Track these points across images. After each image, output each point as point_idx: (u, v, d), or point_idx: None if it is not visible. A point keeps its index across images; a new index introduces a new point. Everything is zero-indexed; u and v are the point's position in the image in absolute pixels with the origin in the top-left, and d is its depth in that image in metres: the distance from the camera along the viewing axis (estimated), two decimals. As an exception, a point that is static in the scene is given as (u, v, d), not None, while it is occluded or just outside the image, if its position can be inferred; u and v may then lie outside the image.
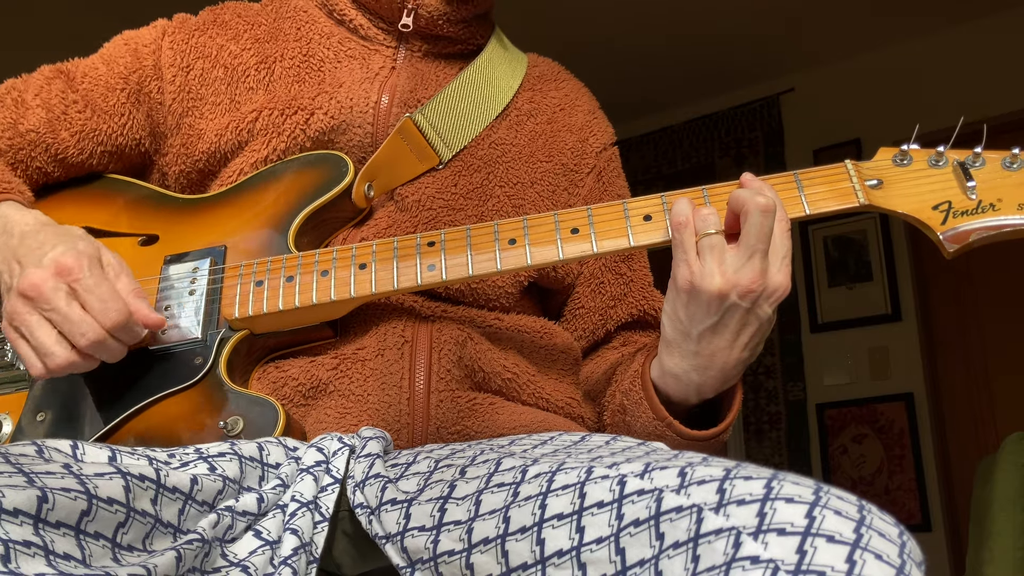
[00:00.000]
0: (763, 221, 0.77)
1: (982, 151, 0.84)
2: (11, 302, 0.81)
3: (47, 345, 0.79)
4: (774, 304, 0.80)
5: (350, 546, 0.79)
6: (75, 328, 0.78)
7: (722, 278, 0.78)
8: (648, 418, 0.87)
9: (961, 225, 0.82)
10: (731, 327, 0.80)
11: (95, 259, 0.82)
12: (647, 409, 0.87)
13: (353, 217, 0.96)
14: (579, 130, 1.08)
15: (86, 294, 0.79)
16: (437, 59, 1.03)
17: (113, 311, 0.79)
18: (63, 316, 0.78)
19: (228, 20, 1.05)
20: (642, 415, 0.88)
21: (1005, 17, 3.62)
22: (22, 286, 0.79)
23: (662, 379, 0.87)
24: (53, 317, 0.79)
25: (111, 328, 0.79)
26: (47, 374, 0.80)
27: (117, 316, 0.79)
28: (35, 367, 0.80)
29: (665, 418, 0.86)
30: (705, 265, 0.78)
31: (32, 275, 0.79)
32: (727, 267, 0.78)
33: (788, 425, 3.85)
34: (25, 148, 0.98)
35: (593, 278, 1.05)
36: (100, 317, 0.79)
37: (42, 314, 0.79)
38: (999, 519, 2.17)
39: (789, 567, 0.49)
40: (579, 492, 0.59)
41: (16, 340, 0.81)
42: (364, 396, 0.87)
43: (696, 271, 0.79)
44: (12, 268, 0.83)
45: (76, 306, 0.79)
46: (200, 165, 0.99)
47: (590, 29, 3.70)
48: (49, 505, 0.53)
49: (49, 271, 0.79)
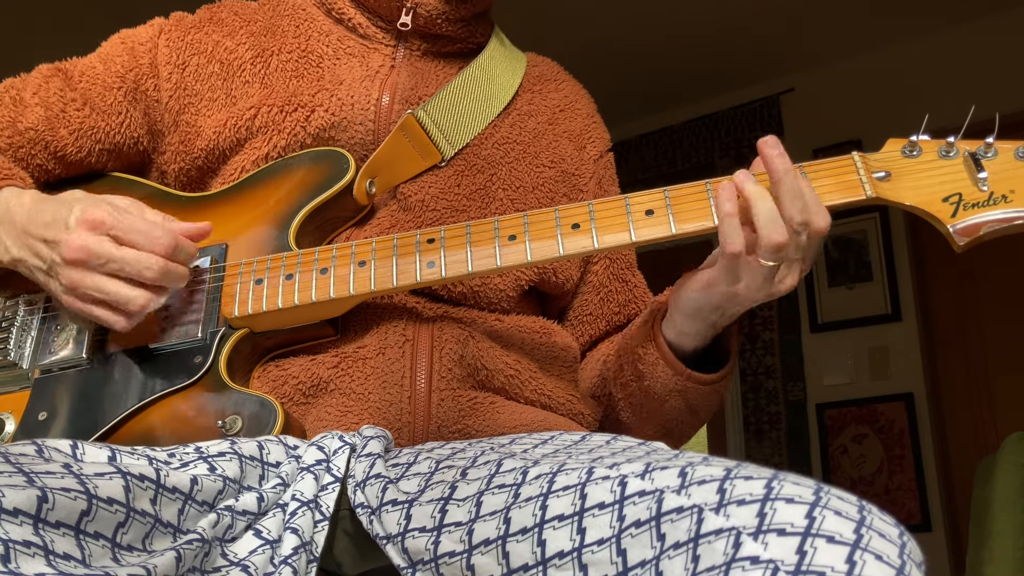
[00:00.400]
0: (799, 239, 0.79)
1: (994, 141, 0.82)
2: (66, 275, 0.82)
3: (122, 293, 0.82)
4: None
5: (350, 545, 0.79)
6: (139, 266, 0.81)
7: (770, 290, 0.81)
8: (667, 376, 0.91)
9: (972, 217, 0.80)
10: None
11: (114, 204, 0.84)
12: (665, 368, 0.91)
13: (355, 215, 0.96)
14: (578, 136, 1.09)
15: (129, 234, 0.82)
16: (436, 58, 1.04)
17: (161, 237, 0.83)
18: (122, 261, 0.81)
19: (224, 18, 1.05)
20: (660, 375, 0.92)
21: (1005, 17, 3.62)
22: (68, 255, 0.81)
23: (679, 338, 0.91)
24: (112, 267, 0.81)
25: (166, 252, 0.83)
26: (133, 322, 0.84)
27: (167, 238, 0.83)
28: (119, 321, 0.83)
29: (684, 372, 0.91)
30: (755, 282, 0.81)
31: (71, 240, 0.81)
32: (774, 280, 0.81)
33: (788, 425, 3.85)
34: (25, 146, 0.99)
35: (602, 287, 1.07)
36: (154, 247, 0.82)
37: (100, 270, 0.82)
38: (999, 519, 2.17)
39: (789, 567, 0.49)
40: (580, 493, 0.59)
41: (87, 307, 0.84)
42: (365, 395, 0.87)
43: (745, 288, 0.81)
44: (38, 249, 0.85)
45: (127, 248, 0.82)
46: (199, 162, 0.99)
47: (590, 29, 3.69)
48: (49, 505, 0.53)
49: (83, 230, 0.82)
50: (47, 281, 0.86)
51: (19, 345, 0.91)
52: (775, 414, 3.88)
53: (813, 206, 0.79)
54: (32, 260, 0.86)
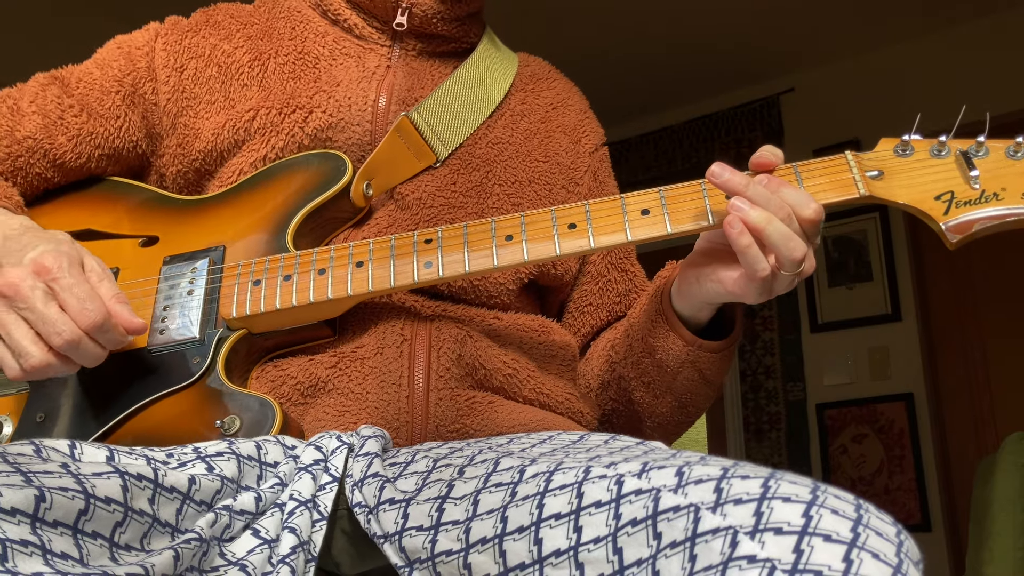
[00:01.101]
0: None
1: (985, 140, 0.82)
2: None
3: (23, 345, 0.77)
4: None
5: (349, 545, 0.79)
6: (51, 328, 0.77)
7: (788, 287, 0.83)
8: (679, 348, 0.93)
9: (964, 215, 0.81)
10: None
11: (76, 261, 0.81)
12: (676, 340, 0.93)
13: (352, 216, 0.96)
14: (572, 131, 1.09)
15: (64, 293, 0.78)
16: (431, 58, 1.04)
17: (91, 311, 0.78)
18: (39, 315, 0.77)
19: (221, 21, 1.05)
20: (672, 347, 0.94)
21: (1005, 17, 3.62)
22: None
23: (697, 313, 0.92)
24: (29, 316, 0.77)
25: (88, 328, 0.78)
26: (24, 376, 0.79)
27: (95, 316, 0.78)
28: (11, 368, 0.79)
29: (695, 341, 0.92)
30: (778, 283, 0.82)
31: (10, 274, 0.78)
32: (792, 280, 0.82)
33: (788, 425, 3.85)
34: (24, 155, 0.99)
35: (600, 277, 1.08)
36: (77, 316, 0.77)
37: (18, 313, 0.78)
38: (999, 519, 2.17)
39: (786, 566, 0.49)
40: (577, 492, 0.59)
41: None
42: (363, 394, 0.87)
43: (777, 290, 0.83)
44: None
45: (53, 305, 0.78)
46: (197, 165, 0.99)
47: (590, 29, 3.70)
48: (47, 504, 0.53)
49: (28, 270, 0.78)
50: None
51: (17, 346, 0.91)
52: (775, 414, 3.88)
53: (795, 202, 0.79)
54: None
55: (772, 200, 0.79)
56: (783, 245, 0.78)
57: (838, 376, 3.77)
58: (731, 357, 0.96)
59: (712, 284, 0.86)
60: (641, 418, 1.02)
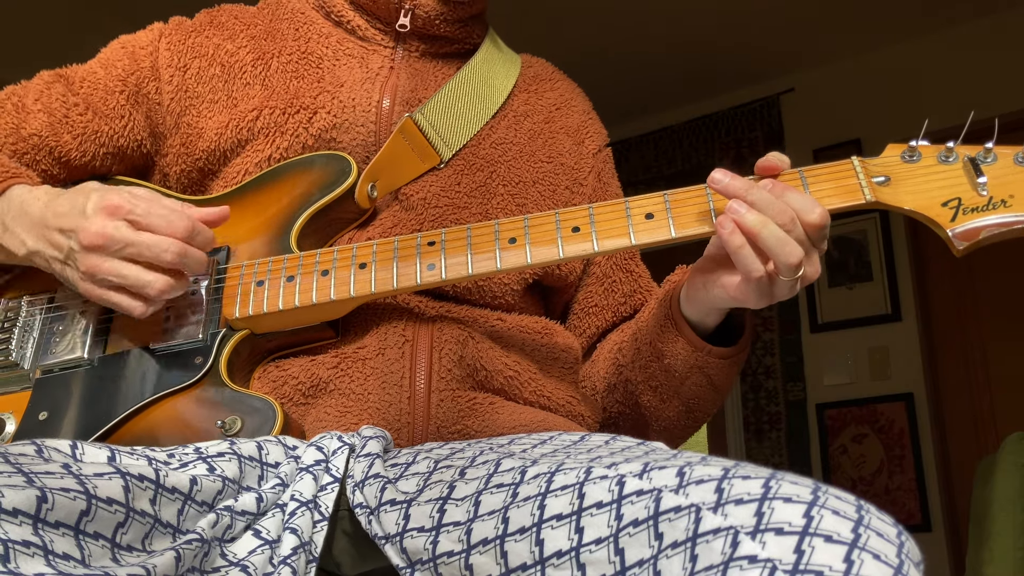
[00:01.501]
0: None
1: (993, 146, 0.82)
2: (83, 261, 0.82)
3: (140, 277, 0.82)
4: None
5: (350, 545, 0.79)
6: (157, 249, 0.81)
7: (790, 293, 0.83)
8: (687, 353, 0.93)
9: (971, 222, 0.81)
10: None
11: (130, 192, 0.84)
12: (685, 345, 0.93)
13: (357, 218, 0.96)
14: (575, 132, 1.09)
15: (147, 218, 0.82)
16: (435, 59, 1.04)
17: (179, 221, 0.83)
18: (140, 245, 0.81)
19: (224, 21, 1.05)
20: (680, 352, 0.93)
21: (1005, 17, 3.62)
22: (85, 241, 0.81)
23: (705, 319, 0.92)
24: (130, 252, 0.82)
25: (184, 235, 0.83)
26: (152, 307, 0.84)
27: (185, 222, 0.83)
28: (137, 306, 0.83)
29: (704, 347, 0.92)
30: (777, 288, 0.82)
31: (89, 226, 0.81)
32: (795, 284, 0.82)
33: (788, 425, 3.85)
34: (29, 152, 1.00)
35: (605, 277, 1.08)
36: (171, 230, 0.82)
37: (119, 255, 0.82)
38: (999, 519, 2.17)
39: (787, 566, 0.49)
40: (578, 492, 0.59)
41: (105, 293, 0.84)
42: (364, 395, 0.87)
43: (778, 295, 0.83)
44: (54, 239, 0.85)
45: (144, 233, 0.82)
46: (200, 164, 0.99)
47: (591, 29, 3.70)
48: (48, 505, 0.53)
49: (102, 216, 0.82)
50: (63, 270, 0.86)
51: (21, 346, 0.91)
52: (775, 414, 3.88)
53: (800, 207, 0.79)
54: (48, 251, 0.86)
55: (774, 204, 0.79)
56: (779, 249, 0.78)
57: (838, 376, 3.77)
58: (739, 364, 0.96)
59: (717, 290, 0.86)
60: (648, 422, 1.02)
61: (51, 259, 0.87)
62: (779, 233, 0.78)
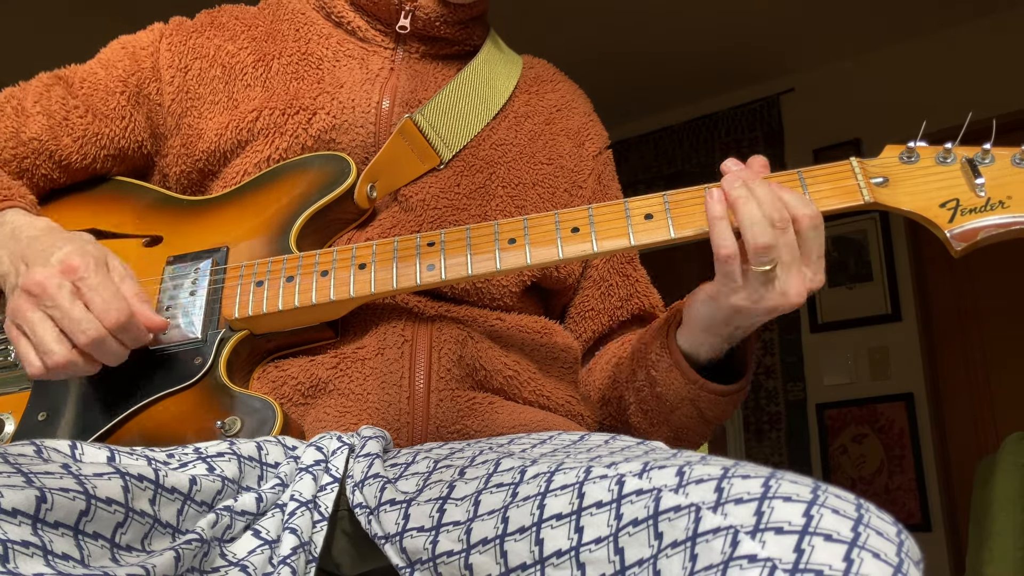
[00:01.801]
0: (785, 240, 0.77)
1: (991, 147, 0.82)
2: (15, 299, 0.81)
3: (47, 342, 0.79)
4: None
5: (349, 545, 0.79)
6: (76, 326, 0.78)
7: (773, 301, 0.79)
8: (680, 384, 0.91)
9: (969, 223, 0.81)
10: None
11: (101, 261, 0.82)
12: (678, 376, 0.90)
13: (356, 218, 0.96)
14: (576, 134, 1.09)
15: (89, 293, 0.79)
16: (435, 60, 1.04)
17: (115, 310, 0.79)
18: (65, 313, 0.78)
19: (225, 22, 1.05)
20: (673, 383, 0.91)
21: (1005, 17, 3.62)
22: (26, 283, 0.80)
23: (695, 349, 0.90)
24: (55, 314, 0.79)
25: (112, 327, 0.79)
26: (46, 373, 0.80)
27: (119, 315, 0.79)
28: (33, 365, 0.80)
29: (697, 381, 0.90)
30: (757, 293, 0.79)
31: (37, 273, 0.80)
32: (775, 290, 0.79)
33: (788, 425, 3.85)
34: (29, 156, 0.99)
35: (602, 281, 1.07)
36: (102, 316, 0.79)
37: (45, 311, 0.79)
38: (999, 519, 2.17)
39: (786, 566, 0.49)
40: (578, 492, 0.59)
41: (17, 338, 0.81)
42: (364, 395, 0.87)
43: (747, 298, 0.80)
44: (19, 268, 0.84)
45: (79, 304, 0.79)
46: (200, 165, 0.99)
47: (591, 29, 3.70)
48: (48, 505, 0.53)
49: (55, 269, 0.80)
50: (8, 296, 0.85)
51: (19, 346, 0.91)
52: (775, 414, 3.88)
53: (793, 201, 0.79)
54: (10, 276, 0.85)
55: (767, 191, 0.78)
56: (749, 227, 0.77)
57: (838, 376, 3.77)
58: (736, 403, 0.93)
59: (700, 296, 0.85)
60: None
61: (6, 284, 0.85)
62: (756, 213, 0.77)
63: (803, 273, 0.79)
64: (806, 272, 0.79)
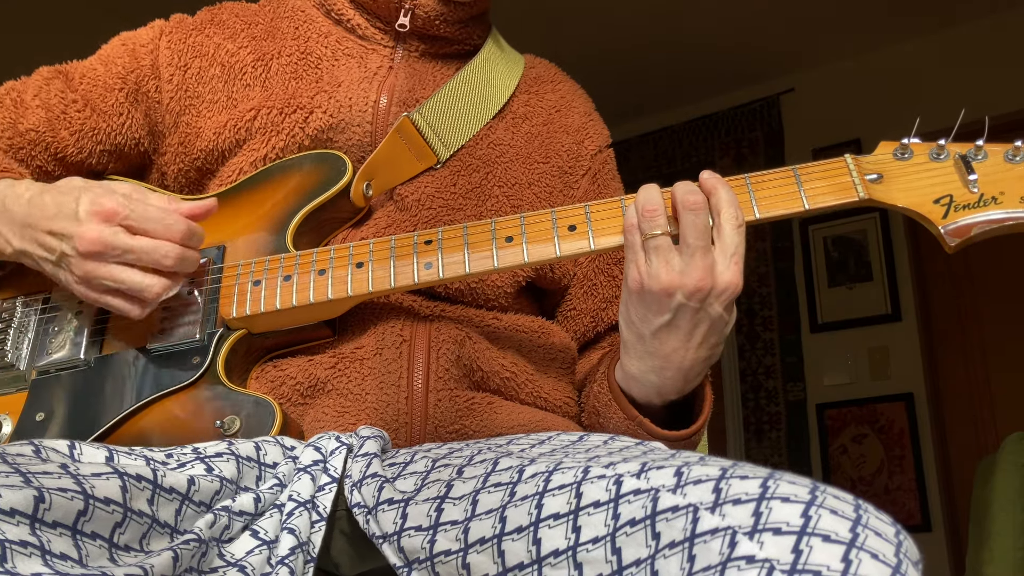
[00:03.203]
0: (694, 219, 0.78)
1: (984, 144, 0.83)
2: (80, 266, 0.82)
3: (139, 282, 0.82)
4: (725, 302, 0.79)
5: (348, 545, 0.79)
6: (156, 254, 0.82)
7: (668, 277, 0.78)
8: (620, 418, 0.88)
9: (963, 219, 0.81)
10: (683, 327, 0.80)
11: (121, 193, 0.84)
12: (617, 410, 0.88)
13: (352, 217, 0.96)
14: (575, 132, 1.09)
15: (143, 223, 0.82)
16: (434, 59, 1.04)
17: (174, 224, 0.83)
18: (140, 251, 0.81)
19: (225, 20, 1.05)
20: (613, 416, 0.89)
21: (1005, 17, 3.62)
22: (84, 247, 0.81)
23: (625, 381, 0.87)
24: (128, 257, 0.82)
25: (182, 239, 0.83)
26: (149, 308, 0.84)
27: (181, 225, 0.83)
28: (134, 309, 0.84)
29: (636, 417, 0.87)
30: (652, 266, 0.79)
31: (85, 232, 0.81)
32: (673, 267, 0.78)
33: (788, 425, 3.85)
34: (25, 147, 0.99)
35: (587, 280, 1.05)
36: (168, 234, 0.83)
37: (117, 261, 0.82)
38: (999, 519, 2.17)
39: (785, 566, 0.49)
40: (575, 492, 0.59)
41: (102, 297, 0.84)
42: (362, 395, 0.87)
43: (643, 271, 0.79)
44: (44, 241, 0.84)
45: (142, 238, 0.82)
46: (198, 163, 0.99)
47: (590, 29, 3.70)
48: (46, 505, 0.53)
49: (96, 221, 0.81)
50: (55, 272, 0.86)
51: (16, 346, 0.91)
52: (775, 414, 3.88)
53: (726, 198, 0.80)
54: (39, 252, 0.85)
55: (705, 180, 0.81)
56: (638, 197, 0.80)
57: (838, 376, 3.77)
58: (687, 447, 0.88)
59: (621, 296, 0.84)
60: None
61: (41, 260, 0.86)
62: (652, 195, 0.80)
63: (710, 262, 0.78)
64: (717, 263, 0.78)
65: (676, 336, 0.81)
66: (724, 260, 0.78)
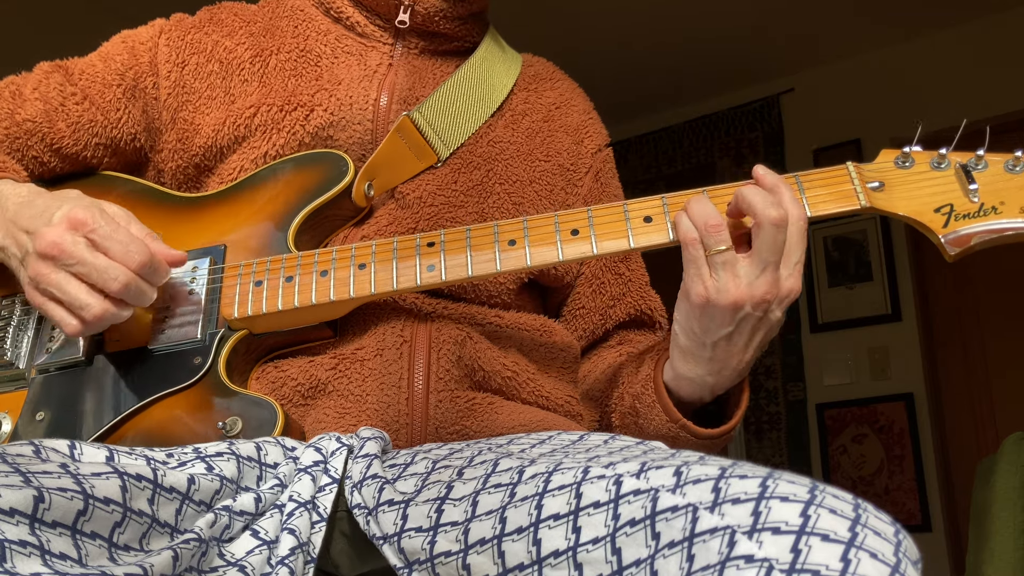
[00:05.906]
0: (776, 235, 0.78)
1: (984, 153, 0.83)
2: (33, 266, 0.81)
3: (80, 298, 0.79)
4: (785, 307, 0.82)
5: (348, 546, 0.79)
6: (105, 275, 0.79)
7: (736, 292, 0.79)
8: (661, 421, 0.89)
9: (963, 228, 0.82)
10: (745, 333, 0.83)
11: (102, 210, 0.83)
12: (660, 412, 0.89)
13: (353, 216, 0.96)
14: (575, 131, 1.09)
15: (106, 241, 0.80)
16: (434, 56, 1.04)
17: (136, 252, 0.80)
18: (90, 266, 0.79)
19: (224, 18, 1.06)
20: (655, 418, 0.90)
21: (1005, 17, 3.62)
22: (41, 247, 0.80)
23: (676, 382, 0.89)
24: (79, 270, 0.79)
25: (138, 268, 0.80)
26: (85, 329, 0.81)
27: (141, 256, 0.80)
28: (71, 324, 0.81)
29: (679, 420, 0.88)
30: (719, 281, 0.79)
31: (48, 234, 0.80)
32: (741, 280, 0.79)
33: (788, 425, 3.85)
34: (21, 137, 1.00)
35: (594, 278, 1.06)
36: (126, 260, 0.80)
37: (67, 270, 0.80)
38: (999, 519, 2.16)
39: (783, 566, 0.49)
40: (575, 492, 0.59)
41: (45, 304, 0.82)
42: (363, 396, 0.87)
43: (711, 287, 0.80)
44: (19, 238, 0.84)
45: (99, 255, 0.80)
46: (196, 160, 0.99)
47: (590, 29, 3.70)
48: (45, 505, 0.53)
49: (63, 227, 0.80)
50: (18, 270, 0.85)
51: (15, 344, 0.91)
52: (775, 414, 3.88)
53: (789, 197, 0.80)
54: (12, 248, 0.85)
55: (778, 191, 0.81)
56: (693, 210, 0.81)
57: (838, 376, 3.77)
58: (717, 447, 0.90)
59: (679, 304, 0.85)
60: None
61: (11, 256, 0.86)
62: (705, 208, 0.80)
63: (777, 274, 0.80)
64: (781, 272, 0.80)
65: (738, 343, 0.83)
66: (788, 267, 0.80)
